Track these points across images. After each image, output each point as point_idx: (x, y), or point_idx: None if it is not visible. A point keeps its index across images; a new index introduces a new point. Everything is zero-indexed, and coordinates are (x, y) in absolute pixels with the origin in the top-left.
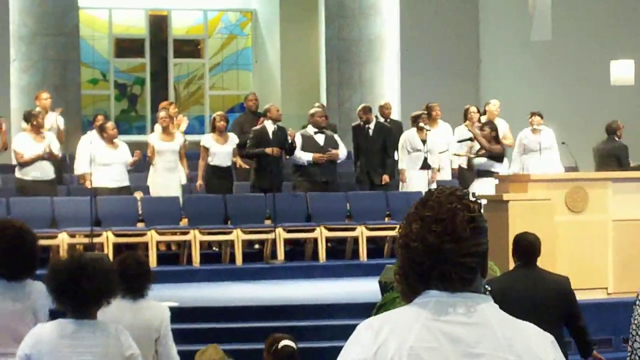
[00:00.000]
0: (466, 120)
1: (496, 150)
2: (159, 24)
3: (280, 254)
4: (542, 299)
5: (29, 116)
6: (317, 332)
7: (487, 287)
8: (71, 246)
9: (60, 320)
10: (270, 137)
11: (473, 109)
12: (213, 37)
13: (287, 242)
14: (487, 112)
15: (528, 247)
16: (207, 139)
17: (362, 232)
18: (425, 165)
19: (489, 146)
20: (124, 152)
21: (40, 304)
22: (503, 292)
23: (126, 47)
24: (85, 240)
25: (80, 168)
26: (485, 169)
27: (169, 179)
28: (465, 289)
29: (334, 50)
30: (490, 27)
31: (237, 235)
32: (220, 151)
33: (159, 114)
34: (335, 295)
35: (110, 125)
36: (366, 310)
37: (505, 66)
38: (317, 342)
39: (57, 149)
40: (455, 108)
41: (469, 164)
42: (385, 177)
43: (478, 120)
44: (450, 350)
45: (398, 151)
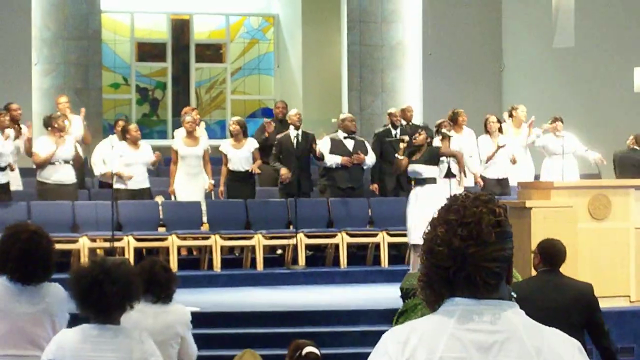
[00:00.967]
0: (486, 131)
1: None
2: (180, 28)
3: (302, 260)
4: (565, 305)
5: (49, 120)
6: (338, 338)
7: (513, 293)
8: (92, 251)
9: (83, 325)
10: (294, 144)
11: (492, 119)
12: (235, 41)
13: (308, 247)
14: (514, 117)
15: (555, 253)
16: (224, 145)
17: (383, 238)
18: (449, 174)
19: (449, 151)
20: (146, 152)
21: (57, 307)
22: (525, 298)
23: (148, 51)
24: (106, 244)
25: (98, 169)
26: (421, 176)
27: (192, 184)
28: (490, 295)
29: (356, 55)
30: (513, 34)
31: (258, 241)
32: (237, 156)
33: (185, 118)
34: (356, 301)
35: (134, 127)
36: (387, 316)
37: (528, 73)
38: (338, 348)
39: (80, 152)
40: (478, 114)
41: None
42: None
43: (499, 130)
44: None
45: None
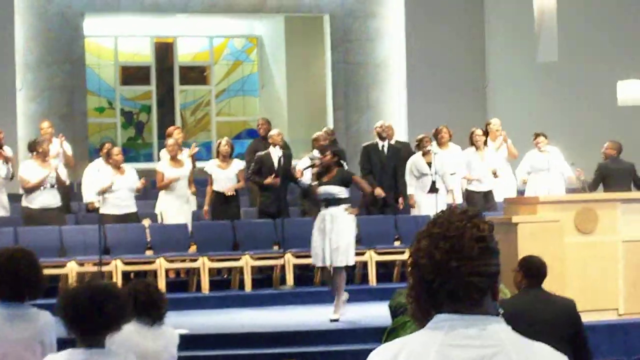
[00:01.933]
0: (472, 144)
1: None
2: (164, 51)
3: (290, 280)
4: (550, 321)
5: (34, 145)
6: (327, 357)
7: (500, 310)
8: (80, 275)
9: (70, 350)
10: (275, 164)
11: (478, 132)
12: (219, 63)
13: (296, 267)
14: (490, 132)
15: (538, 270)
16: (210, 165)
17: (371, 257)
18: (433, 189)
19: (362, 184)
20: (131, 177)
21: (47, 333)
22: (515, 315)
23: (132, 74)
24: (94, 268)
25: (87, 196)
26: (333, 196)
27: (179, 206)
28: (474, 310)
29: (340, 74)
30: (496, 49)
31: (246, 262)
32: (223, 177)
33: (167, 142)
34: (345, 320)
35: (116, 150)
36: (376, 334)
37: (511, 88)
38: None
39: (64, 176)
40: (463, 130)
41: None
42: (400, 200)
43: (484, 143)
44: None
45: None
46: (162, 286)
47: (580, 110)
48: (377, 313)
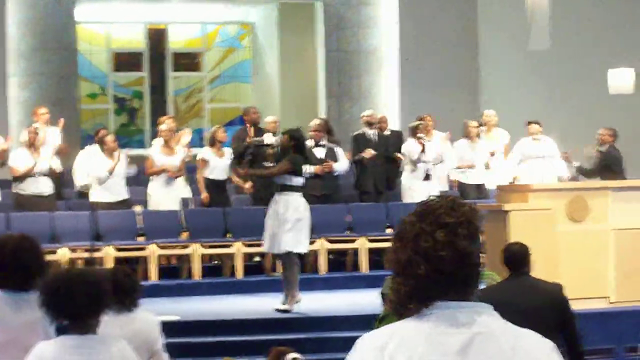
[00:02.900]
0: (465, 136)
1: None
2: (157, 38)
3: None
4: (535, 307)
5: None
6: (319, 344)
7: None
8: (72, 261)
9: (61, 337)
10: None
11: (472, 123)
12: (212, 50)
13: None
14: (487, 124)
15: (513, 257)
16: (206, 152)
17: (363, 244)
18: (428, 177)
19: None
20: (123, 164)
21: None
22: (501, 301)
23: (125, 61)
24: (86, 254)
25: (80, 180)
26: (285, 182)
27: (168, 192)
28: (468, 297)
29: (333, 61)
30: (489, 37)
31: (238, 248)
32: (220, 164)
33: (161, 127)
34: (336, 307)
35: (111, 137)
36: (368, 322)
37: (504, 76)
38: (319, 354)
39: (56, 164)
40: (455, 119)
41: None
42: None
43: (477, 135)
44: None
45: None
46: (153, 273)
47: (572, 98)
48: (369, 300)
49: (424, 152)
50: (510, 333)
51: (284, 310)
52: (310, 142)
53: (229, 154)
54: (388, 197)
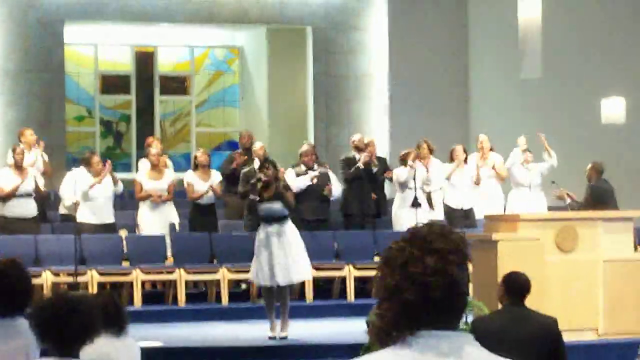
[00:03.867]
0: (452, 160)
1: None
2: (145, 61)
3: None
4: (530, 339)
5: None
6: None
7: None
8: (55, 285)
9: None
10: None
11: (459, 148)
12: (200, 73)
13: None
14: (482, 149)
15: (521, 287)
16: (190, 176)
17: (349, 272)
18: (415, 203)
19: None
20: (109, 186)
21: (33, 344)
22: (493, 332)
23: (112, 83)
24: (70, 279)
25: (67, 200)
26: (274, 214)
27: (156, 217)
28: (454, 326)
29: (322, 86)
30: (479, 64)
31: (223, 275)
32: (203, 189)
33: (150, 150)
34: (322, 335)
35: (96, 159)
36: (354, 350)
37: (495, 104)
38: None
39: (41, 185)
40: (445, 145)
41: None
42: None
43: (464, 161)
44: None
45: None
46: (137, 298)
47: (564, 127)
48: (355, 329)
49: (414, 179)
50: None
51: (283, 337)
52: (301, 168)
53: (216, 177)
54: (375, 225)
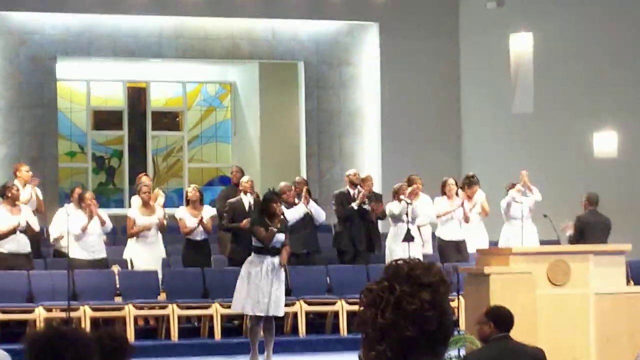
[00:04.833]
0: (444, 193)
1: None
2: (137, 96)
3: (260, 329)
4: None
5: (3, 190)
6: None
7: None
8: (48, 321)
9: None
10: (247, 210)
11: (451, 181)
12: (192, 109)
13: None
14: (471, 188)
15: (508, 319)
16: (182, 212)
17: (342, 306)
18: (408, 237)
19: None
20: (98, 222)
21: None
22: None
23: (104, 119)
24: (62, 314)
25: (54, 234)
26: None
27: (148, 252)
28: (441, 357)
29: (314, 121)
30: (471, 99)
31: (216, 310)
32: (193, 224)
33: (142, 187)
34: None
35: (90, 195)
36: None
37: (487, 138)
38: None
39: (34, 223)
40: (437, 180)
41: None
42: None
43: (456, 194)
44: None
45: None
46: (130, 333)
47: (556, 161)
48: None
49: (406, 214)
50: None
51: None
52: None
53: (208, 212)
54: (368, 259)
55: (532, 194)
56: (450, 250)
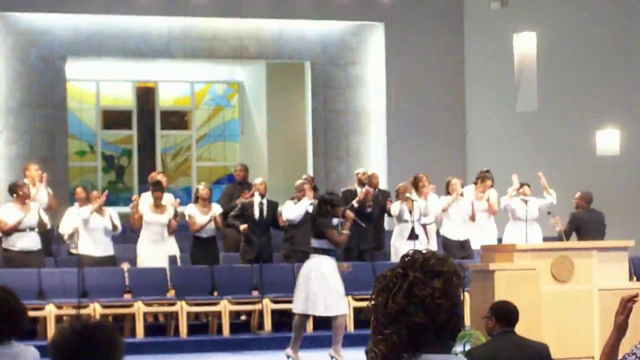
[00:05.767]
0: (448, 193)
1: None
2: (146, 96)
3: (268, 325)
4: None
5: (14, 187)
6: None
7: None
8: (58, 318)
9: None
10: (256, 213)
11: (455, 181)
12: (200, 108)
13: (274, 312)
14: (483, 184)
15: (511, 314)
16: (191, 209)
17: (349, 303)
18: (413, 236)
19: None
20: (108, 220)
21: None
22: (486, 357)
23: (113, 118)
24: (73, 311)
25: (68, 231)
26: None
27: (154, 250)
28: (450, 349)
29: (320, 121)
30: (476, 98)
31: (224, 306)
32: (203, 221)
33: (156, 193)
34: None
35: (97, 194)
36: None
37: (491, 137)
38: None
39: (46, 219)
40: (442, 179)
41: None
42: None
43: (460, 194)
44: None
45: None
46: (140, 330)
47: (559, 159)
48: (355, 359)
49: (410, 212)
50: None
51: None
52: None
53: (216, 210)
54: (374, 257)
55: (550, 196)
56: (455, 248)
